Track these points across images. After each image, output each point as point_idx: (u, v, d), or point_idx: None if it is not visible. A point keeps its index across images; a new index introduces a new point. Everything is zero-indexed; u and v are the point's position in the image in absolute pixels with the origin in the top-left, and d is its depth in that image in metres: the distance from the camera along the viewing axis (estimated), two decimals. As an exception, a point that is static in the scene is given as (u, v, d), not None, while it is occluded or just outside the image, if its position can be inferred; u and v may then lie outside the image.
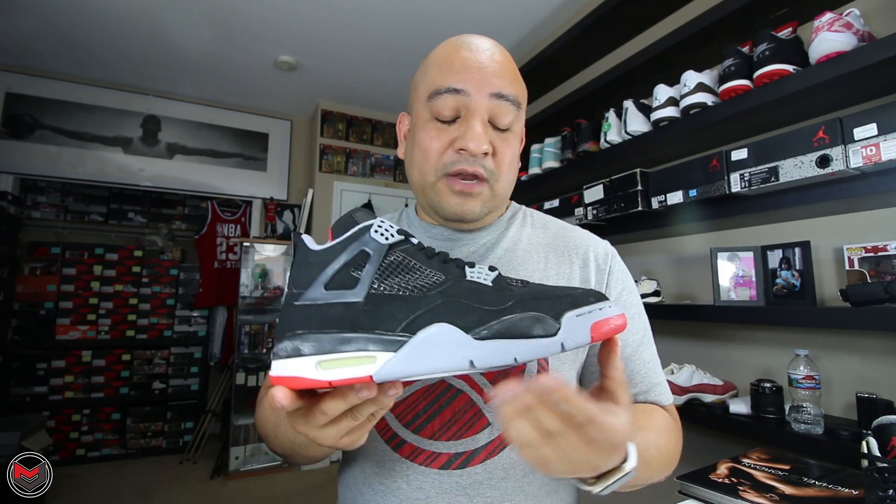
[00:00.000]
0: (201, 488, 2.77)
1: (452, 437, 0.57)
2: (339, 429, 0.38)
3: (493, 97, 0.57)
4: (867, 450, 0.60)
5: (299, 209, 3.60)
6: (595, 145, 1.68)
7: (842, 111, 1.12)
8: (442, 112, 0.57)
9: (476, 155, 0.56)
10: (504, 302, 0.35)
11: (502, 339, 0.33)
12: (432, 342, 0.34)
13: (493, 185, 0.60)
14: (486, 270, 0.38)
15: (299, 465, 3.12)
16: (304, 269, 0.37)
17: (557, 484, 0.63)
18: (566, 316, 0.34)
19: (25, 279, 3.07)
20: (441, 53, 0.60)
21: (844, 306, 0.98)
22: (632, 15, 1.73)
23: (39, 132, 3.03)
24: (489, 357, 0.33)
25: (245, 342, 3.17)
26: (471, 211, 0.60)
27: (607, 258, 0.66)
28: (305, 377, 0.33)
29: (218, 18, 2.45)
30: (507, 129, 0.59)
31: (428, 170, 0.59)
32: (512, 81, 0.59)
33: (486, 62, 0.58)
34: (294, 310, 0.36)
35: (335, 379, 0.33)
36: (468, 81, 0.56)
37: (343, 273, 0.37)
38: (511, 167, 0.61)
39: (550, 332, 0.33)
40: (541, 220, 0.71)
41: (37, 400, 3.03)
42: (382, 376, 0.33)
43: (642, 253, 1.77)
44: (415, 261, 0.38)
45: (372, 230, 0.38)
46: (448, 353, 0.33)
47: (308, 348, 0.34)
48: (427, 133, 0.59)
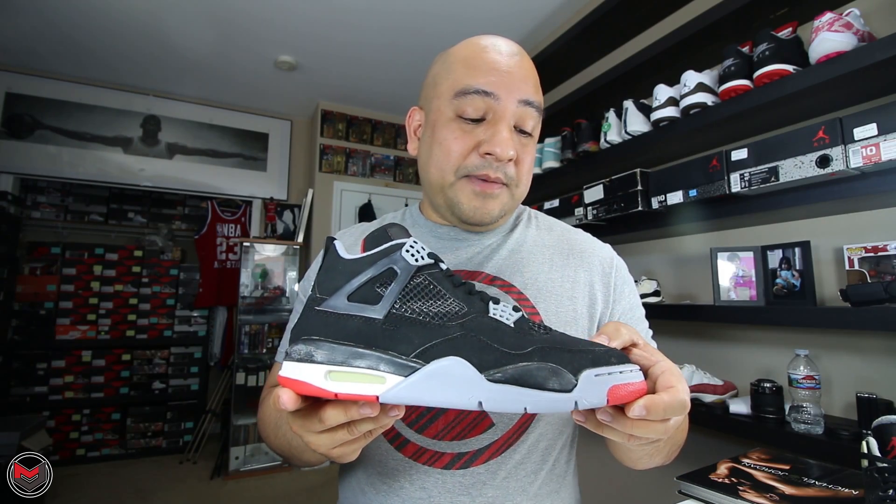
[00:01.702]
0: (201, 488, 2.77)
1: (456, 438, 0.57)
2: (333, 439, 0.38)
3: (521, 103, 0.57)
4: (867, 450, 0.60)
5: (299, 209, 3.60)
6: (595, 145, 1.68)
7: (842, 111, 1.12)
8: (468, 111, 0.56)
9: (502, 160, 0.56)
10: (523, 346, 0.34)
11: (515, 385, 0.33)
12: (444, 375, 0.33)
13: (513, 191, 0.61)
14: (510, 310, 0.37)
15: (299, 467, 3.12)
16: (330, 276, 0.38)
17: (559, 484, 0.63)
18: (584, 374, 0.33)
19: (25, 279, 3.07)
20: (468, 52, 0.59)
21: (844, 306, 0.98)
22: (632, 15, 1.73)
23: (39, 132, 3.03)
24: (499, 402, 0.33)
25: (245, 342, 3.17)
26: (489, 213, 0.60)
27: (612, 262, 0.67)
28: (312, 384, 0.33)
29: (218, 18, 2.45)
30: (529, 134, 0.60)
31: (448, 169, 0.59)
32: (536, 88, 0.60)
33: (515, 67, 0.58)
34: (314, 314, 0.36)
35: (341, 392, 0.33)
36: (498, 85, 0.56)
37: (368, 287, 0.37)
38: (529, 173, 0.63)
39: (566, 388, 0.32)
40: (546, 222, 0.72)
41: (37, 400, 3.03)
42: (388, 399, 0.33)
43: (642, 253, 1.77)
44: (440, 287, 0.38)
45: (403, 249, 0.38)
46: (458, 389, 0.33)
47: (321, 356, 0.34)
48: (451, 132, 0.58)
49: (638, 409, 0.33)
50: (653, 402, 0.33)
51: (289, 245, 3.39)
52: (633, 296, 0.67)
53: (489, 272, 0.62)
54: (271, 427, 0.58)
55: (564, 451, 0.65)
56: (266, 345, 3.22)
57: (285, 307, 3.32)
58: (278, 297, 3.33)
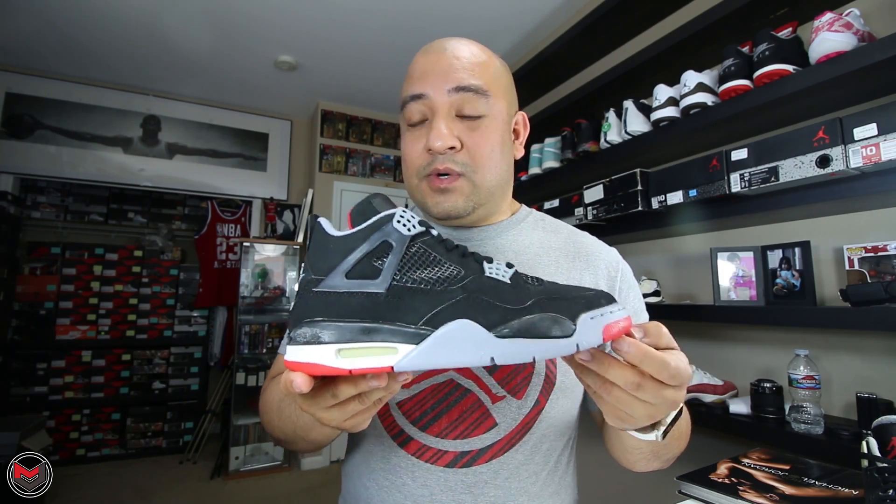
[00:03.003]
0: (201, 488, 2.77)
1: (459, 436, 0.57)
2: (345, 412, 0.39)
3: (453, 92, 0.57)
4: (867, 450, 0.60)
5: (299, 209, 3.60)
6: (595, 145, 1.68)
7: (842, 111, 1.12)
8: (411, 118, 0.60)
9: (441, 152, 0.57)
10: (523, 301, 0.36)
11: (522, 338, 0.34)
12: (455, 337, 0.34)
13: (472, 178, 0.59)
14: (504, 267, 0.39)
15: (300, 454, 3.12)
16: (323, 255, 0.37)
17: (559, 485, 0.64)
18: (581, 318, 0.35)
19: (25, 279, 3.07)
20: (409, 66, 0.63)
21: (844, 306, 0.98)
22: (632, 15, 1.73)
23: (39, 132, 3.03)
24: (510, 355, 0.34)
25: (245, 342, 3.17)
26: (454, 207, 0.60)
27: (618, 266, 0.67)
28: (325, 364, 0.34)
29: (218, 18, 2.45)
30: (479, 116, 0.58)
31: (410, 174, 0.62)
32: (475, 72, 0.58)
33: (446, 61, 0.58)
34: (313, 296, 0.36)
35: (356, 368, 0.34)
36: (426, 85, 0.58)
37: (365, 263, 0.37)
38: (491, 157, 0.59)
39: (567, 333, 0.34)
40: (552, 224, 0.72)
41: (37, 400, 3.03)
42: (403, 367, 0.34)
43: (642, 253, 1.77)
44: (435, 253, 0.38)
45: (395, 220, 0.38)
46: (470, 348, 0.34)
47: (328, 336, 0.34)
48: (405, 141, 0.62)
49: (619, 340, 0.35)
50: (634, 341, 0.36)
51: (289, 245, 3.39)
52: (638, 300, 0.68)
53: None
54: (275, 412, 0.58)
55: (566, 453, 0.65)
56: (266, 345, 3.22)
57: (285, 307, 3.32)
58: (278, 297, 3.33)
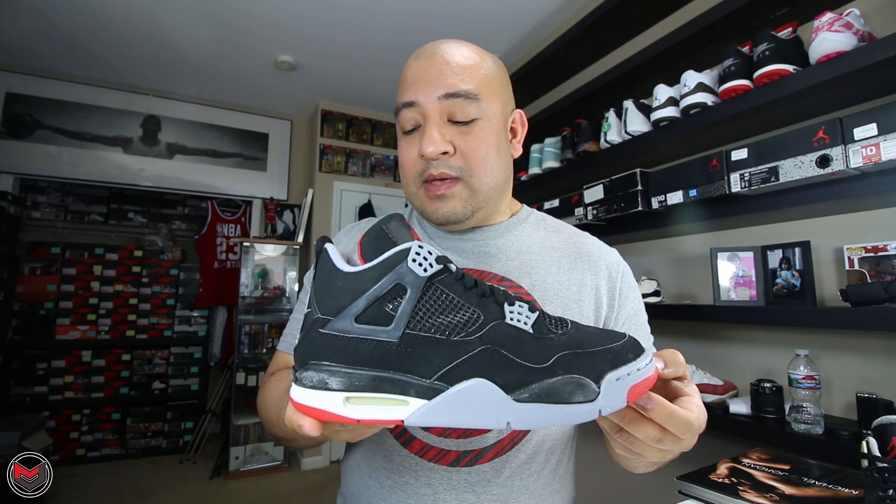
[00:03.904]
0: (201, 488, 2.77)
1: (462, 435, 0.57)
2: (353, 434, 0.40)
3: (443, 98, 0.57)
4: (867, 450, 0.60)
5: (299, 209, 3.60)
6: (595, 145, 1.68)
7: (842, 111, 1.12)
8: (405, 125, 0.60)
9: (434, 158, 0.57)
10: (546, 357, 0.34)
11: (542, 403, 0.32)
12: (469, 397, 0.32)
13: (469, 181, 0.59)
14: (527, 311, 0.36)
15: (300, 454, 3.12)
16: (330, 293, 0.35)
17: (560, 483, 0.64)
18: (606, 379, 0.33)
19: (25, 279, 3.07)
20: (403, 69, 0.63)
21: (844, 306, 0.98)
22: (632, 15, 1.73)
23: (39, 132, 3.03)
24: (527, 421, 0.33)
25: (245, 342, 3.17)
26: (452, 212, 0.59)
27: (618, 267, 0.67)
28: (333, 412, 0.33)
29: (218, 18, 2.45)
30: (471, 121, 0.58)
31: (408, 181, 0.62)
32: (465, 76, 0.58)
33: (435, 67, 0.58)
34: (320, 337, 0.34)
35: (364, 418, 0.33)
36: (416, 92, 0.58)
37: (377, 307, 0.34)
38: (486, 160, 0.59)
39: (590, 398, 0.33)
40: (554, 224, 0.72)
41: (37, 400, 3.03)
42: (413, 422, 0.33)
43: (642, 253, 1.77)
44: (453, 294, 0.35)
45: (409, 259, 0.34)
46: (485, 410, 0.32)
47: (336, 383, 0.33)
48: (401, 148, 0.62)
49: (644, 398, 0.35)
50: (661, 400, 0.35)
51: (289, 245, 3.39)
52: (638, 301, 0.68)
53: (497, 272, 0.63)
54: (273, 410, 0.58)
55: (566, 452, 0.66)
56: (266, 345, 3.22)
57: (285, 307, 3.33)
58: (278, 297, 3.33)
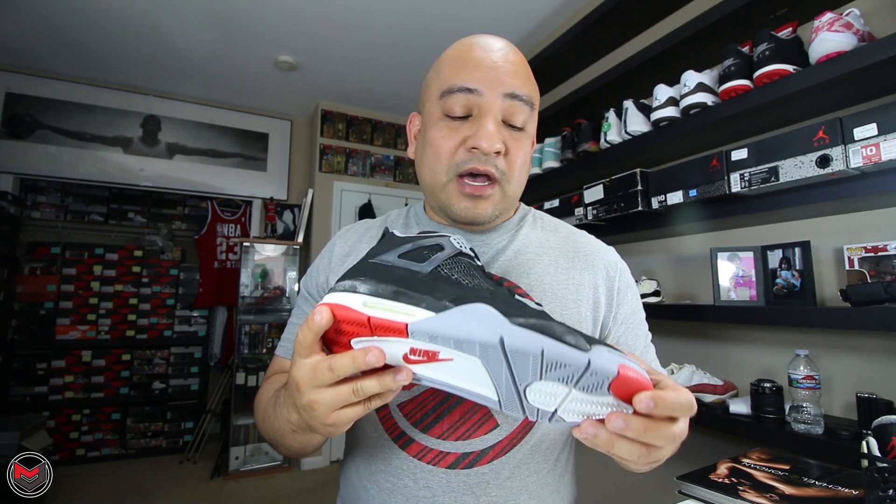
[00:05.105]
0: (201, 488, 2.77)
1: (461, 438, 0.57)
2: (337, 397, 0.39)
3: (506, 97, 0.56)
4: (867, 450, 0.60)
5: (299, 209, 3.60)
6: (595, 145, 1.68)
7: (842, 111, 1.12)
8: (454, 109, 0.57)
9: (489, 153, 0.56)
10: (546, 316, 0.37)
11: (537, 332, 0.34)
12: (472, 313, 0.36)
13: (505, 187, 0.59)
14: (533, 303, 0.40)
15: (297, 460, 3.12)
16: (385, 244, 0.45)
17: (559, 483, 0.64)
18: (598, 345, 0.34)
19: (25, 279, 3.07)
20: (454, 52, 0.60)
21: (844, 306, 0.98)
22: (632, 15, 1.73)
23: (39, 132, 3.03)
24: (520, 341, 0.34)
25: (245, 342, 3.17)
26: (482, 214, 0.59)
27: (616, 266, 0.67)
28: (350, 307, 0.38)
29: (218, 18, 2.45)
30: (521, 128, 0.59)
31: (439, 169, 0.59)
32: (525, 81, 0.59)
33: (500, 62, 0.57)
34: (365, 264, 0.42)
35: (375, 317, 0.37)
36: (481, 80, 0.56)
37: (418, 251, 0.43)
38: (522, 169, 0.61)
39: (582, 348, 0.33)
40: (551, 223, 0.72)
41: (37, 400, 3.03)
42: (417, 328, 0.36)
43: (642, 253, 1.77)
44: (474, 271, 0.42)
45: (451, 237, 0.45)
46: (483, 325, 0.35)
47: (363, 288, 0.39)
48: (439, 131, 0.58)
49: (646, 399, 0.33)
50: (660, 395, 0.33)
51: (289, 245, 3.39)
52: (636, 300, 0.68)
53: (495, 272, 0.62)
54: (261, 412, 0.60)
55: (565, 451, 0.66)
56: (266, 345, 3.22)
57: (285, 307, 3.32)
58: (278, 297, 3.33)
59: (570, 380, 0.33)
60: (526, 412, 0.36)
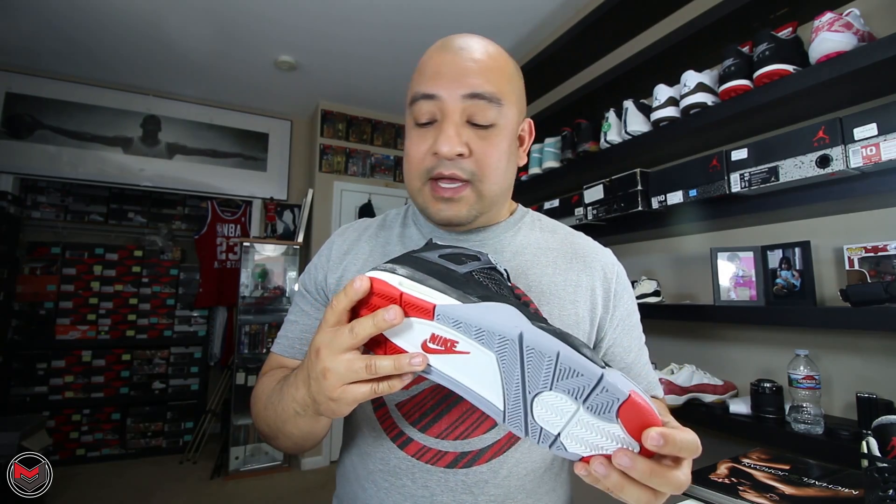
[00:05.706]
0: (201, 488, 2.77)
1: (459, 437, 0.57)
2: (350, 366, 0.40)
3: (466, 98, 0.56)
4: (867, 450, 0.60)
5: (299, 209, 3.60)
6: (595, 145, 1.68)
7: (842, 111, 1.12)
8: (419, 117, 0.58)
9: (450, 157, 0.55)
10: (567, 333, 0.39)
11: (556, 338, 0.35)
12: (496, 309, 0.38)
13: (479, 187, 0.58)
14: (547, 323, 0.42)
15: (298, 459, 3.12)
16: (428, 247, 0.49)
17: (555, 482, 0.64)
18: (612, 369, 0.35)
19: (25, 279, 3.07)
20: (422, 59, 0.61)
21: (844, 306, 0.98)
22: (632, 15, 1.73)
23: (39, 132, 3.03)
24: (537, 341, 0.35)
25: (245, 342, 3.17)
26: (457, 216, 0.59)
27: (613, 268, 0.67)
28: (387, 282, 0.41)
29: (218, 18, 2.45)
30: (488, 126, 0.57)
31: (413, 175, 0.60)
32: (491, 78, 0.57)
33: (461, 63, 0.57)
34: (408, 257, 0.46)
35: (407, 293, 0.40)
36: (439, 86, 0.56)
37: (457, 256, 0.46)
38: (498, 166, 0.58)
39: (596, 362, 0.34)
40: (549, 224, 0.72)
41: (37, 400, 3.03)
42: (443, 311, 0.39)
43: (642, 253, 1.77)
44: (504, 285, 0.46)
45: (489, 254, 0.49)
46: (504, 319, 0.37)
47: (401, 271, 0.43)
48: (410, 140, 0.60)
49: (655, 436, 0.32)
50: (669, 432, 0.33)
51: (289, 245, 3.39)
52: (632, 302, 0.68)
53: None
54: (262, 403, 0.59)
55: (564, 452, 0.66)
56: (266, 345, 3.22)
57: (285, 307, 3.32)
58: (278, 297, 3.33)
59: (580, 394, 0.33)
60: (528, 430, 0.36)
